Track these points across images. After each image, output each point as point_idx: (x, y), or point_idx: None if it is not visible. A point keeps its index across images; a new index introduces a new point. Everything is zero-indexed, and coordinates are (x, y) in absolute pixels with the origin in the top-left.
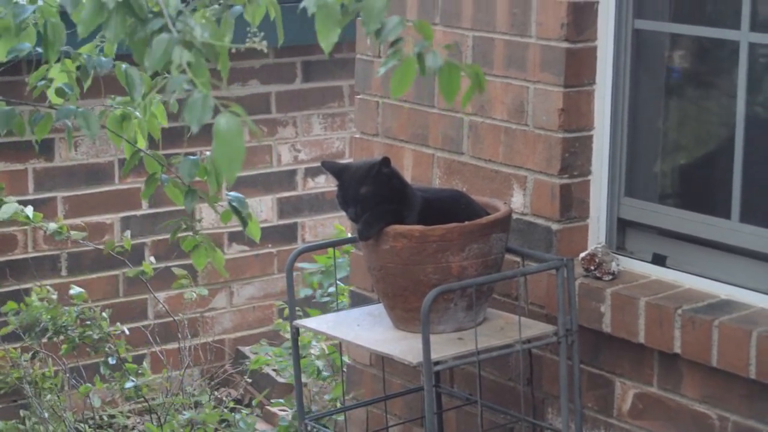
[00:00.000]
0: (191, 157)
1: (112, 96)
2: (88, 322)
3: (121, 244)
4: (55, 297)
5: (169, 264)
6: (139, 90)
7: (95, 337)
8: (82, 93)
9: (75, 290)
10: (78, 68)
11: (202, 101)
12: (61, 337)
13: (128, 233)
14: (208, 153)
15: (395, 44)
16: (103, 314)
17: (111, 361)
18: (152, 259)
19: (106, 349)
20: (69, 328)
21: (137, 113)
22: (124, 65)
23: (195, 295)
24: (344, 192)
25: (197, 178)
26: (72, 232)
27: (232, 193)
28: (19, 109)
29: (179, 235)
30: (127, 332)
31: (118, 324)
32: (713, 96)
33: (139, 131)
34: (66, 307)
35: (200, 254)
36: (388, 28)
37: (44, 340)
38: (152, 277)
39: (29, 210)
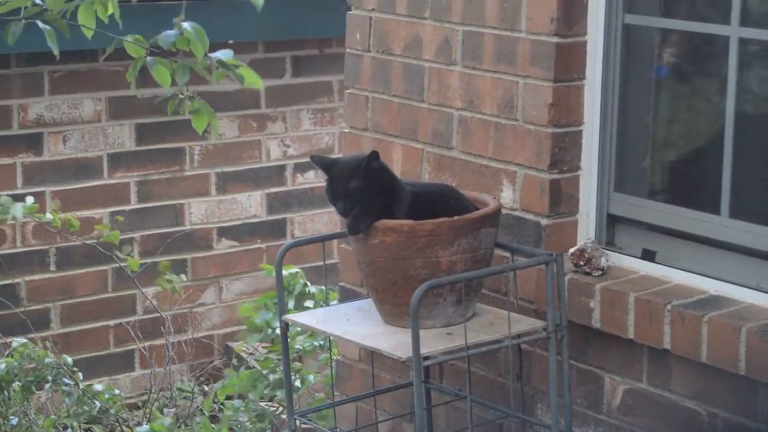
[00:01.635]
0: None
1: None
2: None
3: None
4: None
5: (157, 259)
6: None
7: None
8: None
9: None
10: None
11: None
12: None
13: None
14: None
15: None
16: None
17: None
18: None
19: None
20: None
21: None
22: None
23: (178, 287)
24: (333, 186)
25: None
26: (72, 221)
27: (216, 53)
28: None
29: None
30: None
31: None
32: (703, 91)
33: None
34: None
35: (201, 117)
36: None
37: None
38: (142, 271)
39: (29, 200)
